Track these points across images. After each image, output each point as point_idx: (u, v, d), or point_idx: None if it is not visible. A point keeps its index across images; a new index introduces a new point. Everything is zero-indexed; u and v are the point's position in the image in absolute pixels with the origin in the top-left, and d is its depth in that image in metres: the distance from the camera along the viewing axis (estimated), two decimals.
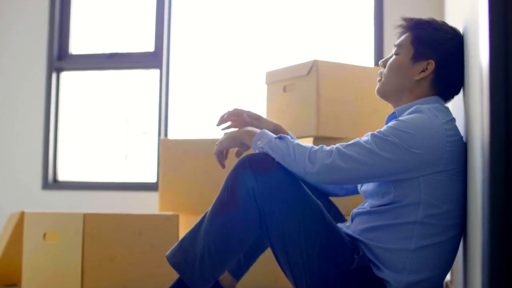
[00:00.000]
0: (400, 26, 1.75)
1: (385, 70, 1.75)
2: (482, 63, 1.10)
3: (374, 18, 3.57)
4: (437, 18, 1.77)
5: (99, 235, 2.44)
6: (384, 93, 1.76)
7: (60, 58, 4.07)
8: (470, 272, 1.43)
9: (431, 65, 1.67)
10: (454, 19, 2.18)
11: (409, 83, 1.70)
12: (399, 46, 1.74)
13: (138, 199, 3.79)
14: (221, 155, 1.77)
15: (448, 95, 1.73)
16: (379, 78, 1.77)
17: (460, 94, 1.74)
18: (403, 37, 1.74)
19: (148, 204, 3.66)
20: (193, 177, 2.81)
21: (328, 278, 1.59)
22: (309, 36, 3.78)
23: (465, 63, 1.62)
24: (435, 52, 1.68)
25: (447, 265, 1.64)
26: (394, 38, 1.80)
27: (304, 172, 1.58)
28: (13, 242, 2.79)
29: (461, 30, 1.72)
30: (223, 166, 1.77)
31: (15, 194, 3.99)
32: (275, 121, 1.98)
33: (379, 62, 1.79)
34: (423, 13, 3.18)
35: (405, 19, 1.75)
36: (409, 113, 1.62)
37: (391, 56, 1.75)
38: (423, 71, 1.68)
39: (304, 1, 3.84)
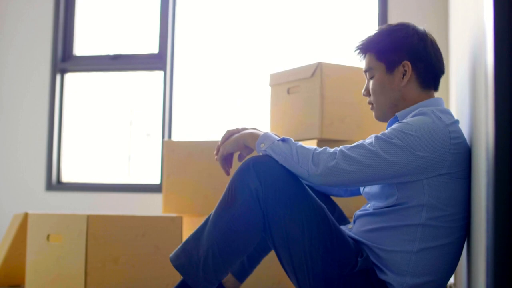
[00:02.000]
0: (359, 54, 1.77)
1: (371, 97, 1.76)
2: (487, 65, 1.09)
3: (379, 20, 3.57)
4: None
5: (103, 236, 2.44)
6: (383, 116, 1.76)
7: (64, 60, 4.08)
8: (474, 275, 1.42)
9: (407, 65, 1.68)
10: (458, 20, 2.18)
11: (398, 93, 1.71)
12: (369, 69, 1.75)
13: (141, 201, 3.80)
14: (225, 161, 1.74)
15: (437, 81, 1.73)
16: (371, 107, 1.78)
17: (466, 97, 1.74)
18: (366, 60, 1.75)
19: (151, 206, 3.66)
20: (197, 178, 2.81)
21: (332, 281, 1.58)
22: (313, 38, 3.78)
23: (471, 65, 1.61)
24: (403, 52, 1.69)
25: (451, 268, 1.64)
26: None
27: (307, 174, 1.57)
28: (17, 243, 2.80)
29: (466, 32, 1.72)
30: (228, 173, 1.74)
31: (19, 195, 4.00)
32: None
33: (363, 93, 1.79)
34: (428, 15, 3.18)
35: (357, 47, 1.76)
36: (413, 116, 1.62)
37: (368, 83, 1.77)
38: (404, 74, 1.69)
39: (308, 3, 3.84)
